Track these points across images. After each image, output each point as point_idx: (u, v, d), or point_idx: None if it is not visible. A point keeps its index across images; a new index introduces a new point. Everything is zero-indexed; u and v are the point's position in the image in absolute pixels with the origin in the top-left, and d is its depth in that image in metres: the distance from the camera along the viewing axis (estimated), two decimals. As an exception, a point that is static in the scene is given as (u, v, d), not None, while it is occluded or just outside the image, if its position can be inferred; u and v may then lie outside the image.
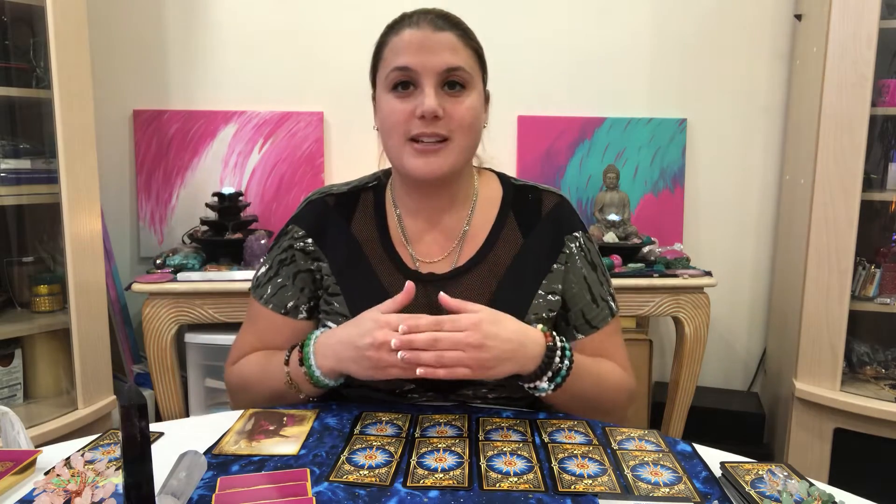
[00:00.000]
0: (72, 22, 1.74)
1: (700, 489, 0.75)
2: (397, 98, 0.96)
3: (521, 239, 1.05)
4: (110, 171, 2.21)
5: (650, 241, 2.17)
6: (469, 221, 1.06)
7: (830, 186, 1.92)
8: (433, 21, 0.96)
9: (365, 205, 1.07)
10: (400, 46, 0.96)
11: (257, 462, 0.80)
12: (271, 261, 1.08)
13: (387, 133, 0.99)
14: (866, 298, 2.00)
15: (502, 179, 1.11)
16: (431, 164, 0.96)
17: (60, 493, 0.66)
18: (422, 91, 0.95)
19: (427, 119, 0.94)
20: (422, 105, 0.94)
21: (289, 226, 1.08)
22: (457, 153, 0.98)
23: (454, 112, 0.96)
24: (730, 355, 2.48)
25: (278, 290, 1.05)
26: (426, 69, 0.94)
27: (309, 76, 2.28)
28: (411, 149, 0.97)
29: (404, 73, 0.95)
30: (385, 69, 0.97)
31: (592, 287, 1.06)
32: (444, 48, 0.95)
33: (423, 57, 0.94)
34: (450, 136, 0.96)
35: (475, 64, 0.99)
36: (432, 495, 0.73)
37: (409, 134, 0.96)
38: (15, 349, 1.81)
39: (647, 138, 2.33)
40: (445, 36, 0.96)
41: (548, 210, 1.07)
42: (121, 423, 0.58)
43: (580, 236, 1.07)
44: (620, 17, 2.31)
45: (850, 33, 1.86)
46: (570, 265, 1.05)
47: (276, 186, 2.27)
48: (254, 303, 1.08)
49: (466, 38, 0.98)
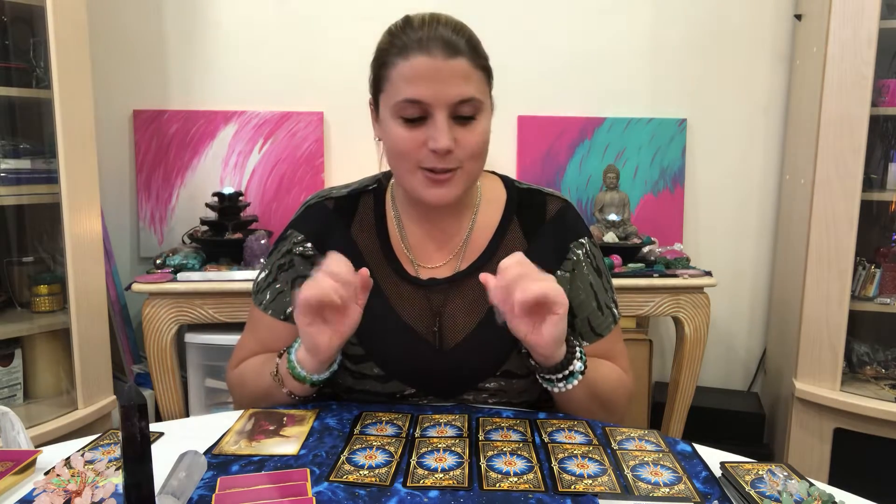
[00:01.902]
0: (72, 22, 1.74)
1: (700, 489, 0.75)
2: (405, 127, 0.93)
3: (525, 244, 1.04)
4: (110, 171, 2.21)
5: (650, 241, 2.17)
6: (472, 227, 1.05)
7: (830, 186, 1.92)
8: (445, 45, 0.91)
9: (365, 209, 1.06)
10: (409, 75, 0.91)
11: (257, 462, 0.80)
12: (270, 266, 1.07)
13: (395, 159, 0.96)
14: (866, 298, 2.00)
15: (506, 183, 1.10)
16: (443, 193, 0.95)
17: (60, 493, 0.66)
18: (433, 121, 0.91)
19: (440, 154, 0.92)
20: (434, 141, 0.91)
21: (288, 231, 1.07)
22: (467, 179, 0.96)
23: (466, 141, 0.93)
24: (730, 355, 2.48)
25: (277, 296, 1.05)
26: (438, 101, 0.91)
27: (309, 76, 2.28)
28: (423, 177, 0.94)
29: (416, 104, 0.91)
30: (392, 95, 0.93)
31: (598, 294, 1.05)
32: (457, 77, 0.91)
33: (435, 88, 0.90)
34: (461, 164, 0.94)
35: (485, 85, 0.96)
36: (432, 495, 0.73)
37: (420, 164, 0.94)
38: (15, 349, 1.82)
39: (647, 138, 2.33)
40: (457, 63, 0.91)
41: (552, 215, 1.06)
42: (121, 423, 0.58)
43: (586, 242, 1.06)
44: (620, 17, 2.31)
45: (850, 33, 1.86)
46: (577, 272, 1.04)
47: (276, 186, 2.27)
48: (254, 308, 1.07)
49: (476, 59, 0.94)
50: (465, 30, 0.95)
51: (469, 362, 0.99)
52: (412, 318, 1.01)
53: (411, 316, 1.01)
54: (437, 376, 0.99)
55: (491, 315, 1.00)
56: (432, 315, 1.01)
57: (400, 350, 0.99)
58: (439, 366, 0.99)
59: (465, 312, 1.01)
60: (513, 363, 0.99)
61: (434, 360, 0.99)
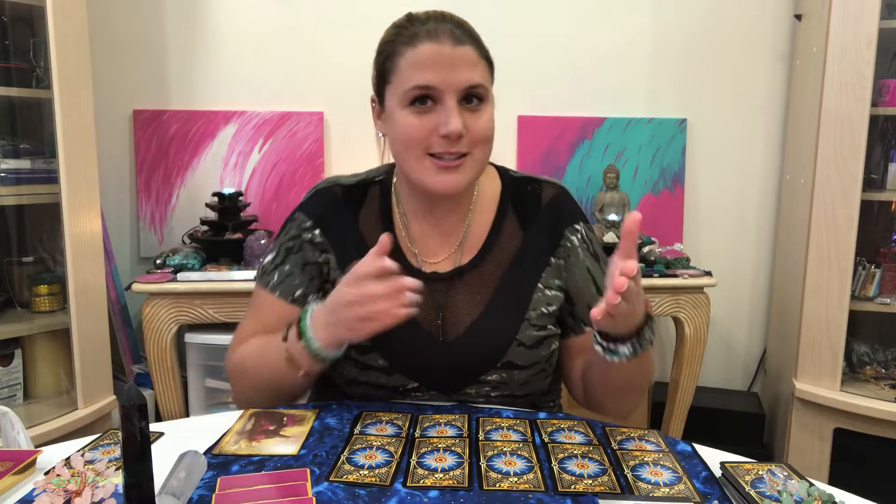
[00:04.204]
0: (72, 22, 1.74)
1: (700, 489, 0.75)
2: (416, 114, 0.95)
3: (521, 234, 1.05)
4: (110, 171, 2.21)
5: (650, 241, 2.17)
6: (470, 220, 1.06)
7: (830, 186, 1.92)
8: (451, 34, 0.94)
9: (372, 199, 1.07)
10: (419, 61, 0.93)
11: (257, 462, 0.80)
12: (278, 248, 1.06)
13: (403, 147, 0.97)
14: (866, 298, 2.00)
15: (501, 173, 1.11)
16: (451, 180, 0.96)
17: (60, 493, 0.66)
18: (443, 107, 0.93)
19: (451, 139, 0.93)
20: (446, 125, 0.92)
21: (296, 213, 1.06)
22: (475, 167, 0.98)
23: (475, 127, 0.95)
24: (730, 355, 2.48)
25: (286, 278, 1.04)
26: (449, 87, 0.93)
27: (309, 76, 2.28)
28: (432, 164, 0.96)
29: (426, 90, 0.93)
30: (402, 83, 0.95)
31: (597, 279, 1.05)
32: (465, 64, 0.94)
33: (444, 74, 0.93)
34: (470, 151, 0.96)
35: (489, 75, 0.99)
36: (432, 495, 0.73)
37: (430, 150, 0.95)
38: (15, 349, 1.82)
39: (647, 138, 2.33)
40: (465, 51, 0.94)
41: (547, 201, 1.06)
42: (121, 423, 0.58)
43: (581, 228, 1.06)
44: (620, 17, 2.31)
45: (850, 33, 1.86)
46: (573, 258, 1.05)
47: (276, 186, 2.27)
48: (260, 291, 1.06)
49: (481, 50, 0.97)
50: (467, 24, 0.99)
51: (471, 354, 1.00)
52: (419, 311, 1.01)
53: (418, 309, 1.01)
54: (439, 369, 1.00)
55: (491, 307, 1.01)
56: (436, 309, 1.01)
57: (404, 342, 0.99)
58: (442, 358, 1.00)
59: (467, 305, 1.01)
60: (514, 354, 0.99)
61: (437, 352, 1.00)
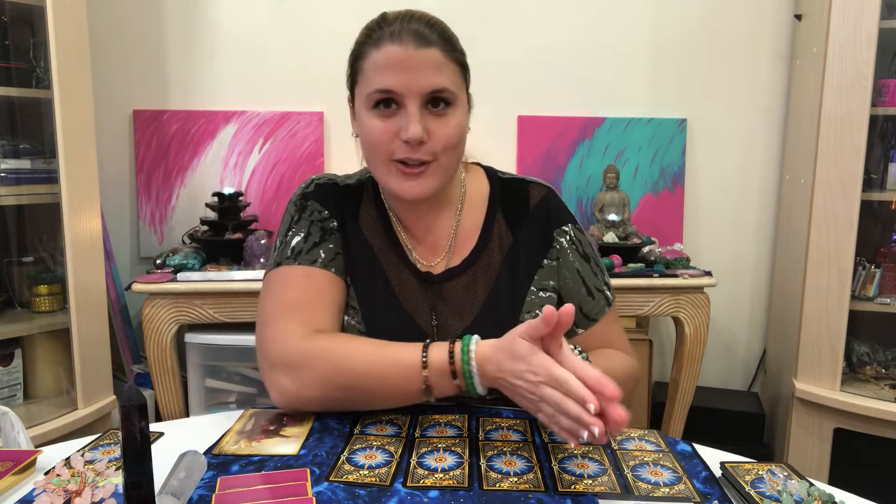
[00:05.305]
0: (72, 22, 1.74)
1: (700, 489, 0.75)
2: (379, 118, 0.93)
3: (511, 235, 1.04)
4: (110, 171, 2.21)
5: (650, 241, 2.17)
6: (458, 222, 1.05)
7: (830, 186, 1.92)
8: (416, 35, 0.91)
9: (368, 199, 1.06)
10: (381, 64, 0.91)
11: (257, 462, 0.80)
12: (307, 227, 1.00)
13: (369, 151, 0.96)
14: (866, 298, 2.00)
15: (489, 174, 1.10)
16: (416, 186, 0.94)
17: (60, 493, 0.66)
18: (405, 111, 0.91)
19: (412, 144, 0.91)
20: (406, 131, 0.90)
21: (308, 201, 1.03)
22: (441, 173, 0.96)
23: (439, 133, 0.92)
24: (730, 355, 2.48)
25: (335, 256, 1.00)
26: (410, 91, 0.90)
27: (309, 76, 2.28)
28: (396, 170, 0.94)
29: (387, 93, 0.91)
30: (365, 86, 0.93)
31: (587, 280, 1.05)
32: (428, 67, 0.91)
33: (405, 77, 0.90)
34: (434, 157, 0.93)
35: (459, 78, 0.95)
36: (432, 495, 0.73)
37: (393, 156, 0.93)
38: (15, 349, 1.81)
39: (647, 138, 2.33)
40: (429, 53, 0.91)
41: (535, 203, 1.06)
42: (121, 423, 0.58)
43: (570, 229, 1.06)
44: (620, 17, 2.31)
45: (850, 33, 1.86)
46: (563, 260, 1.04)
47: (276, 186, 2.27)
48: (292, 274, 0.97)
49: (450, 50, 0.93)
50: (438, 24, 0.95)
51: None
52: (413, 308, 1.01)
53: (412, 306, 1.01)
54: None
55: (485, 309, 1.01)
56: (430, 309, 1.01)
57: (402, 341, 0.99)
58: None
59: (460, 308, 1.01)
60: None
61: None
